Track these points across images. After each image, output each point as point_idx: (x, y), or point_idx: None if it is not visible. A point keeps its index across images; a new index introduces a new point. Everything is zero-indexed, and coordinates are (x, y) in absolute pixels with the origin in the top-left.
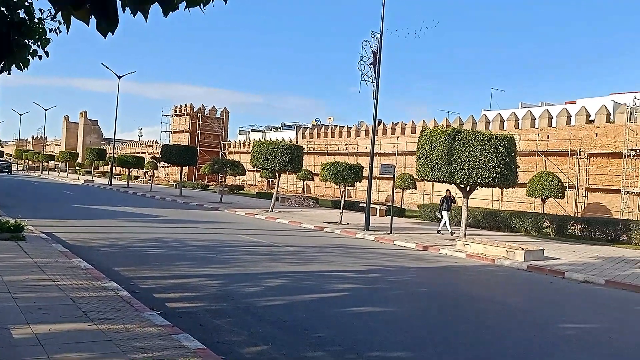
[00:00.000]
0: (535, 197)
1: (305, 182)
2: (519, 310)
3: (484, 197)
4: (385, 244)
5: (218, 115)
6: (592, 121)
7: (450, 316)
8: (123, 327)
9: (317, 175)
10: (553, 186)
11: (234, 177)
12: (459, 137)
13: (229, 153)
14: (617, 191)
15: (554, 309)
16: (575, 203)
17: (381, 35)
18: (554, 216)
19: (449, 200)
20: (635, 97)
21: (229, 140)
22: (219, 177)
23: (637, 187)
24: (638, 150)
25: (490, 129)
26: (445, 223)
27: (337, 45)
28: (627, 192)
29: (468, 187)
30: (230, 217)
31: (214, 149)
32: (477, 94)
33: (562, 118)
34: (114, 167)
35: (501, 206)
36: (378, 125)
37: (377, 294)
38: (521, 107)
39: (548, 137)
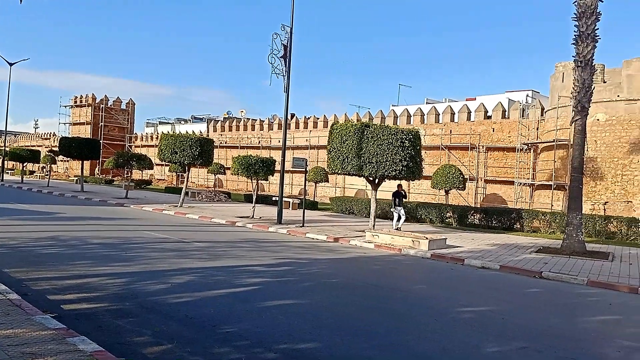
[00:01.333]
0: (439, 189)
1: (217, 176)
2: (422, 296)
3: (392, 189)
4: (297, 237)
5: (123, 106)
6: (490, 117)
7: (358, 305)
8: (12, 332)
9: (229, 169)
10: (455, 178)
11: (140, 172)
12: (367, 131)
13: (136, 146)
14: (512, 182)
15: (454, 294)
16: (475, 194)
17: (291, 28)
18: (456, 207)
19: (399, 195)
20: (527, 95)
21: (136, 133)
22: (125, 172)
23: (528, 178)
24: (530, 144)
25: (398, 123)
26: (398, 219)
27: (250, 37)
28: (520, 183)
29: (376, 180)
30: (136, 213)
31: (119, 142)
32: (387, 89)
33: (463, 114)
34: (5, 162)
35: (408, 198)
36: (291, 119)
37: (287, 286)
38: (426, 102)
39: (451, 132)
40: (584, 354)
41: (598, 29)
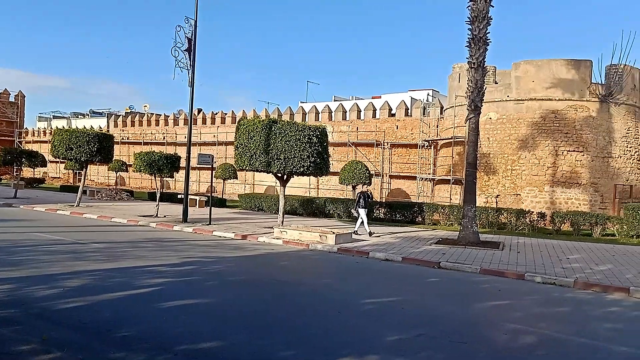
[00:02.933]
0: (347, 185)
1: (118, 174)
2: (328, 290)
3: (302, 186)
4: (203, 235)
5: (12, 99)
6: (394, 115)
7: (264, 302)
8: None
9: (132, 166)
10: (362, 174)
11: (32, 169)
12: (275, 128)
13: (27, 142)
14: (414, 177)
15: (358, 286)
16: (381, 189)
17: (195, 21)
18: None
19: (365, 196)
20: (428, 94)
21: (26, 128)
22: (14, 169)
23: (429, 173)
24: (430, 141)
25: (306, 120)
26: (363, 222)
27: (154, 28)
28: (422, 178)
29: (285, 176)
30: (26, 214)
31: (7, 138)
32: (296, 86)
33: (369, 111)
34: None
35: (318, 193)
36: (198, 114)
37: (191, 286)
38: (334, 100)
39: (357, 129)
40: (475, 338)
41: (489, 32)
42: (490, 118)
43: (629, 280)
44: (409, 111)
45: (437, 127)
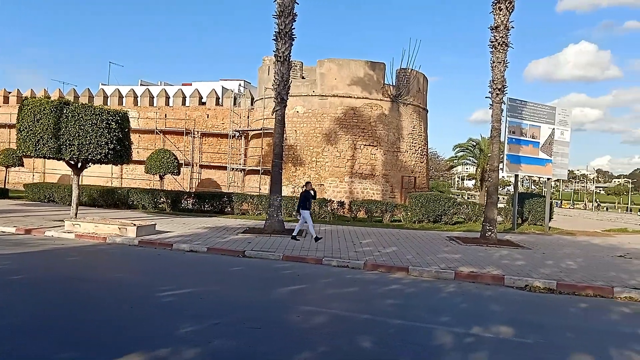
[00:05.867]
0: (154, 174)
1: None
2: (122, 285)
3: (104, 175)
4: None
5: None
6: (204, 103)
7: (47, 303)
8: None
9: None
10: (170, 163)
11: None
12: (67, 110)
13: None
14: (225, 168)
15: (157, 279)
16: (191, 179)
17: None
18: (170, 192)
19: (309, 196)
20: (240, 85)
21: None
22: None
23: (240, 164)
24: (241, 132)
25: (109, 104)
26: (308, 226)
27: None
28: (233, 168)
29: (79, 164)
30: None
31: None
32: (97, 67)
33: (178, 98)
34: None
35: (121, 183)
36: None
37: None
38: (141, 84)
39: (166, 116)
40: (270, 322)
41: (295, 28)
42: (298, 111)
43: (409, 260)
44: (220, 100)
45: (248, 118)
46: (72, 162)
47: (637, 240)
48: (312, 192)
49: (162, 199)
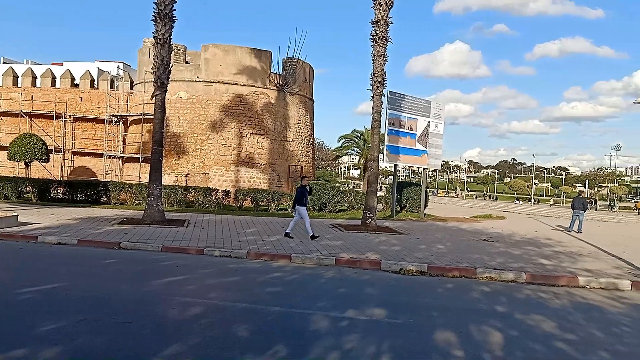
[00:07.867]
0: (18, 161)
1: None
2: None
3: None
4: None
5: None
6: (77, 85)
7: None
8: None
9: None
10: (37, 149)
11: None
12: None
13: None
14: (101, 155)
15: (18, 275)
16: (62, 166)
17: None
18: (36, 180)
19: (305, 192)
20: (118, 67)
21: None
22: None
23: (118, 151)
24: (120, 117)
25: None
26: (305, 223)
27: None
28: (110, 155)
29: None
30: None
31: None
32: None
33: (47, 79)
34: None
35: None
36: None
37: None
38: (3, 62)
39: (32, 98)
40: (143, 316)
41: (175, 10)
42: (181, 97)
43: (292, 248)
44: (96, 83)
45: (127, 102)
46: None
47: (499, 225)
48: (308, 187)
49: (27, 188)
